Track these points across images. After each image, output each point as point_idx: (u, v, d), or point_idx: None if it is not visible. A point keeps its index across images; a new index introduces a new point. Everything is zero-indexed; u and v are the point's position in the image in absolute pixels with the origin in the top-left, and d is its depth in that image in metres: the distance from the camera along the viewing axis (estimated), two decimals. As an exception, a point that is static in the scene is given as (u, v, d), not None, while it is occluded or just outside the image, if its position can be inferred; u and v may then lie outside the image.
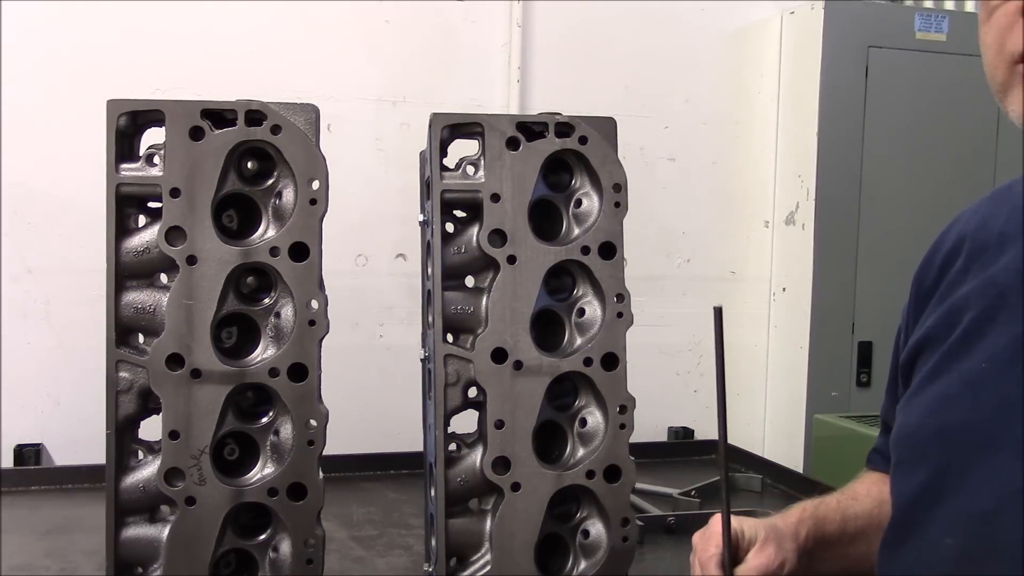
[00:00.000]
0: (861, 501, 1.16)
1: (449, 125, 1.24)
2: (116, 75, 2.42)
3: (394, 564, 1.59)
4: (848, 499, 1.17)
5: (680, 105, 2.93)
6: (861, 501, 1.16)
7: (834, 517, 1.15)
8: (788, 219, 2.92)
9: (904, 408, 1.00)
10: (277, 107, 1.18)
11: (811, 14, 2.82)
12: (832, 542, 1.14)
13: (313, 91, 2.34)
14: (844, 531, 1.14)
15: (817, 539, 1.13)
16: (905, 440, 0.98)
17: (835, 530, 1.14)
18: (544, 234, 1.26)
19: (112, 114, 1.15)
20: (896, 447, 1.00)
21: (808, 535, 1.12)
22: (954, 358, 0.93)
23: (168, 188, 1.15)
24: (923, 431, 0.95)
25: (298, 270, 1.18)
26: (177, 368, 1.15)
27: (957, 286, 0.98)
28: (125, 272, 1.17)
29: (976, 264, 0.97)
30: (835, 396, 2.82)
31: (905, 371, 1.03)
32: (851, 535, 1.14)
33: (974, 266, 0.97)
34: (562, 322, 1.28)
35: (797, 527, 1.13)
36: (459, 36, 2.74)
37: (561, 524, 1.27)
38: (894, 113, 2.81)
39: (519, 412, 1.23)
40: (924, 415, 0.95)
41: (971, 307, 0.94)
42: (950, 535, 0.90)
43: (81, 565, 1.53)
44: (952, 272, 1.00)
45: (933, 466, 0.93)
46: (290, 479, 1.18)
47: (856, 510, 1.15)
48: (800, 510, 1.15)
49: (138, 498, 1.17)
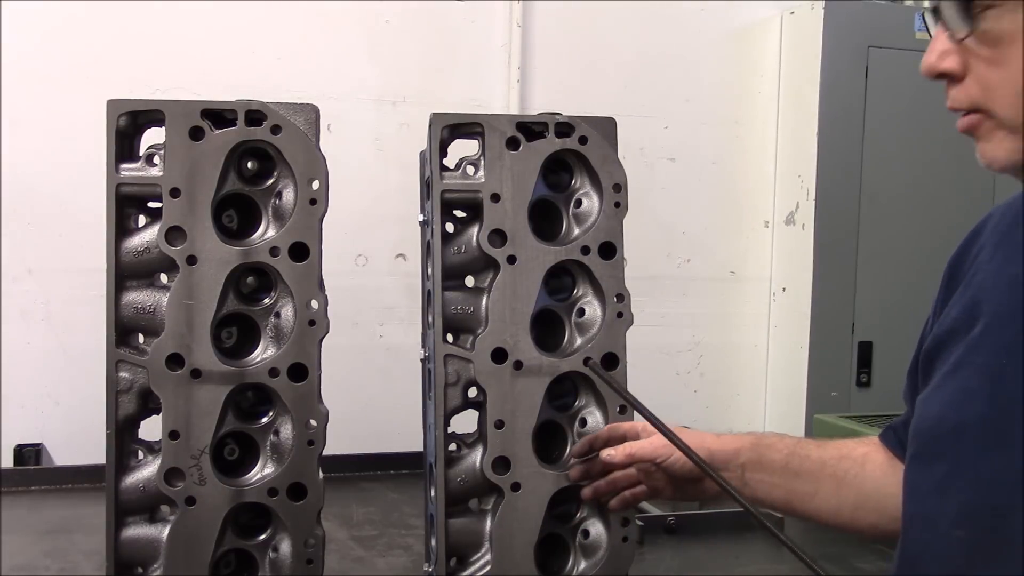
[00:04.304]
0: (826, 449, 1.18)
1: (449, 125, 1.24)
2: (116, 75, 2.42)
3: (394, 564, 1.59)
4: (812, 444, 1.20)
5: (680, 105, 2.93)
6: (826, 449, 1.18)
7: (781, 448, 1.17)
8: (788, 219, 2.92)
9: (925, 400, 1.00)
10: (277, 107, 1.18)
11: (811, 14, 2.82)
12: (771, 469, 1.16)
13: (313, 91, 2.33)
14: (788, 465, 1.16)
15: (752, 460, 1.17)
16: (924, 434, 0.99)
17: (778, 459, 1.16)
18: (544, 234, 1.26)
19: (112, 114, 1.15)
20: (914, 440, 1.00)
21: (737, 447, 1.17)
22: (975, 352, 0.93)
23: (168, 188, 1.15)
24: (942, 425, 0.95)
25: (298, 270, 1.18)
26: (177, 368, 1.15)
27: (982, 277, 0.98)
28: (125, 272, 1.17)
29: (1000, 256, 0.97)
30: (835, 396, 2.82)
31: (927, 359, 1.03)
32: (795, 470, 1.16)
33: (997, 257, 0.97)
34: (562, 322, 1.28)
35: (727, 438, 1.19)
36: (459, 36, 2.74)
37: (561, 524, 1.27)
38: (894, 113, 2.81)
39: (519, 412, 1.23)
40: (944, 409, 0.95)
41: (993, 300, 0.94)
42: (960, 527, 0.90)
43: (81, 565, 1.53)
44: (979, 263, 1.00)
45: (949, 460, 0.93)
46: (290, 479, 1.18)
47: (812, 453, 1.17)
48: (748, 433, 1.22)
49: (138, 498, 1.17)
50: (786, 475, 1.16)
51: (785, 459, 1.17)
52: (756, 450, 1.18)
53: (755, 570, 1.60)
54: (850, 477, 1.13)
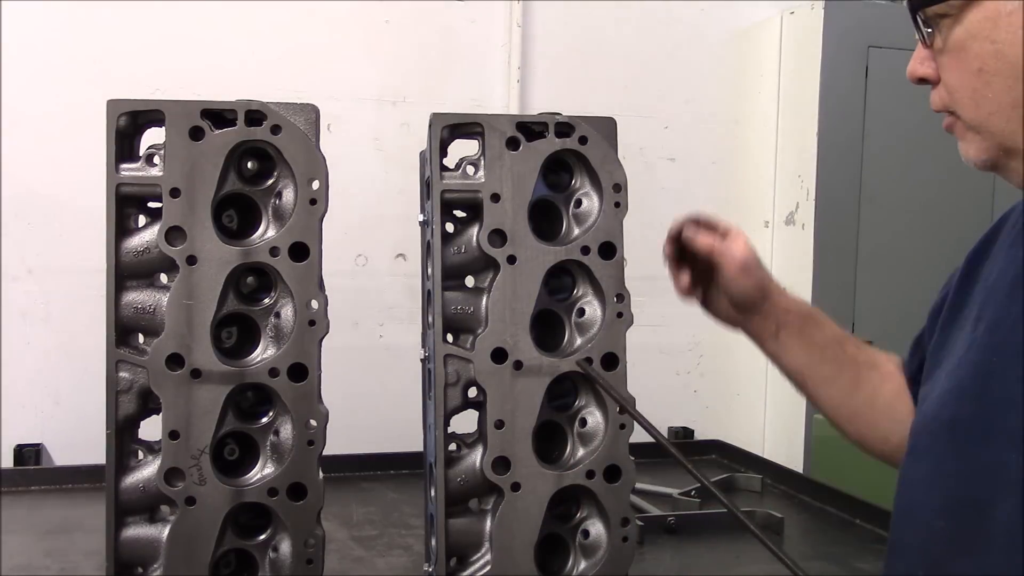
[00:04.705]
0: (861, 353, 1.24)
1: (449, 125, 1.24)
2: (116, 75, 2.42)
3: (394, 564, 1.59)
4: (853, 342, 1.25)
5: (680, 105, 2.93)
6: (861, 353, 1.24)
7: (826, 331, 1.24)
8: (788, 219, 2.92)
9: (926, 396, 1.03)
10: (277, 107, 1.18)
11: (811, 14, 2.81)
12: (806, 341, 1.24)
13: (313, 91, 2.33)
14: (825, 348, 1.23)
15: (794, 325, 1.24)
16: (921, 429, 1.02)
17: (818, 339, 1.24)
18: (544, 234, 1.26)
19: (112, 114, 1.15)
20: (911, 436, 1.04)
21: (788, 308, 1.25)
22: (972, 350, 0.96)
23: (168, 188, 1.15)
24: (936, 421, 0.99)
25: (298, 270, 1.18)
26: (177, 368, 1.15)
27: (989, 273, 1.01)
28: (125, 272, 1.17)
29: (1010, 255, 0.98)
30: (835, 396, 2.82)
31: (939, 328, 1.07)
32: (826, 354, 1.23)
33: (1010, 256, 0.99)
34: (562, 322, 1.28)
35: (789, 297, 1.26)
36: (459, 36, 2.74)
37: (561, 524, 1.27)
38: (894, 113, 2.81)
39: (519, 412, 1.23)
40: (940, 406, 0.99)
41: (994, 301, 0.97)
42: (942, 518, 0.94)
43: (81, 565, 1.54)
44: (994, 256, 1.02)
45: (937, 454, 0.96)
46: (290, 479, 1.18)
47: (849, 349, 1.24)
48: (807, 304, 1.28)
49: (138, 498, 1.17)
50: (816, 354, 1.24)
51: (824, 341, 1.24)
52: (803, 319, 1.25)
53: (755, 570, 1.60)
54: (868, 386, 1.21)
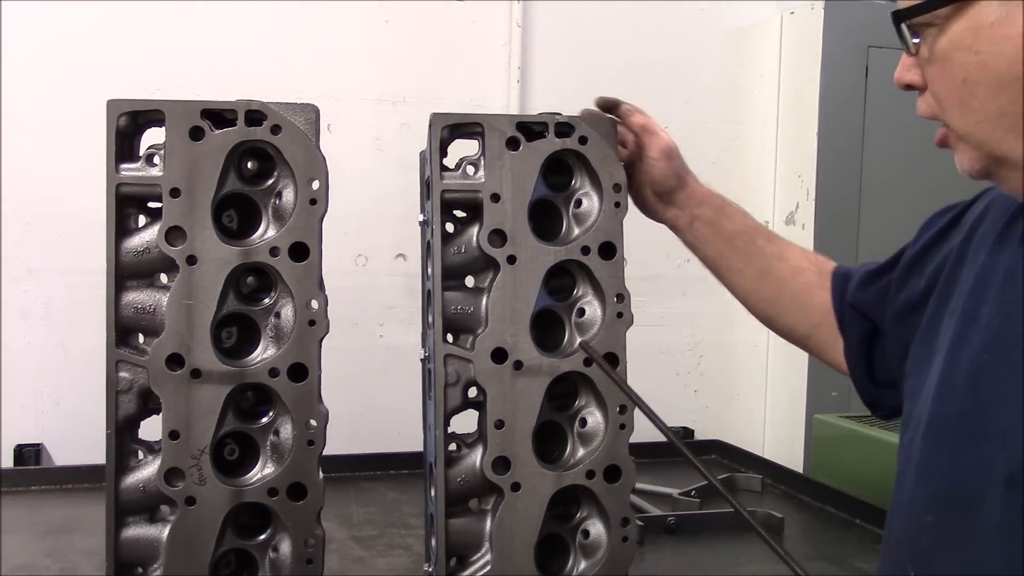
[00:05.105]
0: (772, 245, 1.35)
1: (449, 125, 1.24)
2: (116, 75, 2.42)
3: (394, 564, 1.59)
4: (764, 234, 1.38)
5: (680, 105, 2.93)
6: (772, 245, 1.35)
7: (737, 223, 1.36)
8: (788, 219, 2.92)
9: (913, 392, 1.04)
10: (277, 107, 1.18)
11: (811, 14, 2.81)
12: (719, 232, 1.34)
13: (313, 91, 2.31)
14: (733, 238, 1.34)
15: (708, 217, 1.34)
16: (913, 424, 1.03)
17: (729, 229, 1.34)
18: (544, 234, 1.26)
19: (112, 114, 1.15)
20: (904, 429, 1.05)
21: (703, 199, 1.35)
22: (961, 345, 0.97)
23: (168, 188, 1.15)
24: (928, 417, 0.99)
25: (298, 270, 1.18)
26: (177, 368, 1.15)
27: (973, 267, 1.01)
28: (125, 272, 1.17)
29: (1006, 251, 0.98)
30: (835, 396, 2.82)
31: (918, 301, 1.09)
32: (736, 245, 1.34)
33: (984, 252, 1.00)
34: (562, 322, 1.28)
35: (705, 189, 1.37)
36: (459, 36, 2.74)
37: (561, 524, 1.27)
38: (894, 113, 2.80)
39: (519, 412, 1.23)
40: (929, 402, 0.99)
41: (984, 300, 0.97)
42: (931, 512, 0.95)
43: (81, 565, 1.54)
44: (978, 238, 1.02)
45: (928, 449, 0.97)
46: (290, 479, 1.18)
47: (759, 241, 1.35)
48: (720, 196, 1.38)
49: (138, 498, 1.17)
50: (726, 245, 1.34)
51: (734, 232, 1.34)
52: (717, 210, 1.35)
53: (755, 570, 1.60)
54: (775, 278, 1.31)
